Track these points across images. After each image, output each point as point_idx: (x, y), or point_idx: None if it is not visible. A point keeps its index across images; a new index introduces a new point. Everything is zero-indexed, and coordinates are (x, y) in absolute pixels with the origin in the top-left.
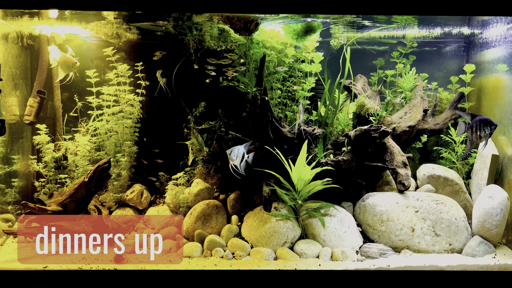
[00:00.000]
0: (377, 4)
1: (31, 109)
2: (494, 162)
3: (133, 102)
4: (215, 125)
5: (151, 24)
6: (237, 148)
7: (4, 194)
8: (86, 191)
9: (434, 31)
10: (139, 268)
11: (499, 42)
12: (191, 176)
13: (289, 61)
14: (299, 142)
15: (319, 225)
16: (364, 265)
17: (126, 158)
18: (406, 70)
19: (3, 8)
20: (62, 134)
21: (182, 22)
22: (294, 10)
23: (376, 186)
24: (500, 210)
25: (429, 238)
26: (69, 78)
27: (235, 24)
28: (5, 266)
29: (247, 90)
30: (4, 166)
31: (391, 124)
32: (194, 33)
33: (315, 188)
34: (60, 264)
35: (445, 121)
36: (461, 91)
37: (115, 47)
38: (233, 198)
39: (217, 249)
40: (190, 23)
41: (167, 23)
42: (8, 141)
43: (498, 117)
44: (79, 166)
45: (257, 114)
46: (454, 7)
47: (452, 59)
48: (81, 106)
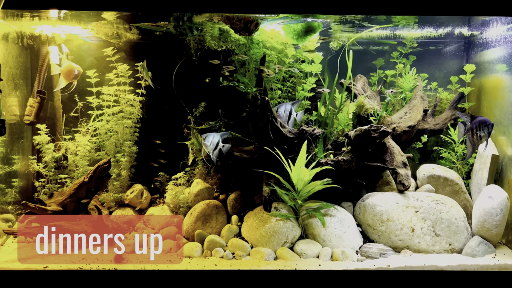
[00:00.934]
0: (378, 4)
1: (31, 109)
2: (494, 162)
3: (133, 102)
4: (215, 125)
5: (152, 25)
6: (213, 135)
7: (4, 194)
8: (86, 191)
9: (434, 31)
10: (139, 268)
11: (499, 42)
12: (191, 176)
13: (289, 61)
14: (299, 142)
15: (319, 225)
16: (364, 265)
17: (126, 158)
18: (406, 70)
19: (4, 8)
20: (62, 134)
21: (183, 23)
22: (294, 10)
23: (376, 186)
24: (500, 210)
25: (429, 238)
26: (71, 87)
27: (235, 24)
28: (5, 266)
29: (247, 90)
30: (4, 166)
31: (391, 124)
32: (194, 33)
33: (315, 188)
34: (60, 264)
35: (445, 121)
36: (461, 91)
37: (115, 47)
38: (233, 198)
39: (217, 249)
40: (190, 24)
41: (168, 23)
42: (8, 141)
43: (498, 117)
44: (79, 166)
45: (257, 114)
46: (454, 7)
47: (452, 59)
48: (81, 106)
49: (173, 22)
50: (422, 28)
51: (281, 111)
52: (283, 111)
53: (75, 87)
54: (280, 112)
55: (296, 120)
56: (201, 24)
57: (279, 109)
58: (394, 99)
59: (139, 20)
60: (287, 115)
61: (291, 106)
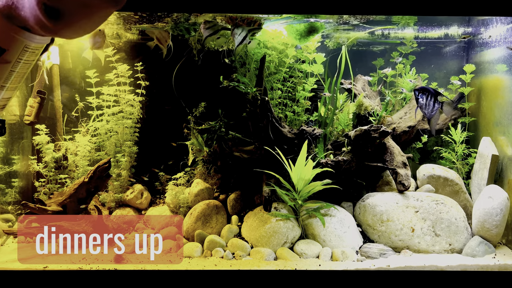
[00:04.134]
0: (378, 4)
1: (31, 109)
2: (494, 162)
3: (133, 103)
4: (215, 125)
5: (152, 26)
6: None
7: (4, 194)
8: (86, 191)
9: (434, 31)
10: (139, 268)
11: (499, 43)
12: (191, 176)
13: (290, 62)
14: (299, 143)
15: (319, 225)
16: (364, 265)
17: (126, 158)
18: (406, 70)
19: None
20: (62, 134)
21: (181, 24)
22: (297, 10)
23: (376, 186)
24: (500, 210)
25: (429, 238)
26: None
27: (238, 24)
28: (5, 266)
29: (247, 90)
30: (4, 166)
31: (391, 124)
32: (192, 34)
33: (315, 189)
34: (60, 264)
35: (445, 121)
36: (461, 91)
37: (115, 47)
38: (233, 198)
39: (217, 249)
40: (187, 25)
41: (165, 24)
42: (8, 141)
43: (498, 117)
44: (79, 166)
45: (257, 114)
46: (454, 7)
47: (452, 59)
48: (82, 107)
49: (171, 23)
50: (422, 28)
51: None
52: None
53: (74, 87)
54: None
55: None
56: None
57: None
58: (394, 99)
59: (140, 21)
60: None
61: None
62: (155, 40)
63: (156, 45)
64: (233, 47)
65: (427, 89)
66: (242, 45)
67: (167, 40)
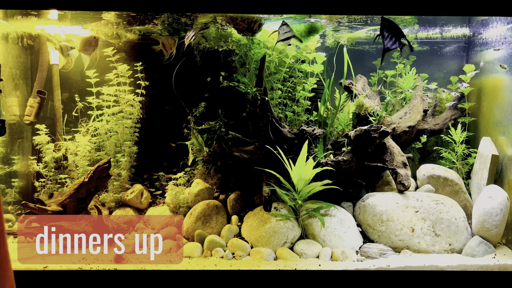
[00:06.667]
0: (379, 5)
1: (31, 109)
2: (494, 162)
3: (133, 103)
4: (215, 125)
5: (151, 26)
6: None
7: (4, 194)
8: (86, 191)
9: (434, 31)
10: (139, 268)
11: (499, 43)
12: (191, 176)
13: (290, 61)
14: (299, 143)
15: (319, 225)
16: (364, 265)
17: (126, 158)
18: (406, 71)
19: (3, 8)
20: (62, 134)
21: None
22: (298, 10)
23: (376, 186)
24: (500, 210)
25: (429, 238)
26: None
27: (238, 24)
28: None
29: (247, 90)
30: (4, 166)
31: (391, 124)
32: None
33: (315, 189)
34: (60, 264)
35: (445, 121)
36: (461, 91)
37: (115, 47)
38: (233, 198)
39: (217, 249)
40: (186, 26)
41: (162, 26)
42: (8, 141)
43: (498, 117)
44: (79, 166)
45: (257, 114)
46: (454, 7)
47: (452, 59)
48: (82, 107)
49: (164, 24)
50: (422, 28)
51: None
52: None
53: (74, 88)
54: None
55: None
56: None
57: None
58: (394, 99)
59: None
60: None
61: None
62: (160, 45)
63: (160, 49)
64: (233, 47)
65: (395, 26)
66: (282, 44)
67: (172, 48)
